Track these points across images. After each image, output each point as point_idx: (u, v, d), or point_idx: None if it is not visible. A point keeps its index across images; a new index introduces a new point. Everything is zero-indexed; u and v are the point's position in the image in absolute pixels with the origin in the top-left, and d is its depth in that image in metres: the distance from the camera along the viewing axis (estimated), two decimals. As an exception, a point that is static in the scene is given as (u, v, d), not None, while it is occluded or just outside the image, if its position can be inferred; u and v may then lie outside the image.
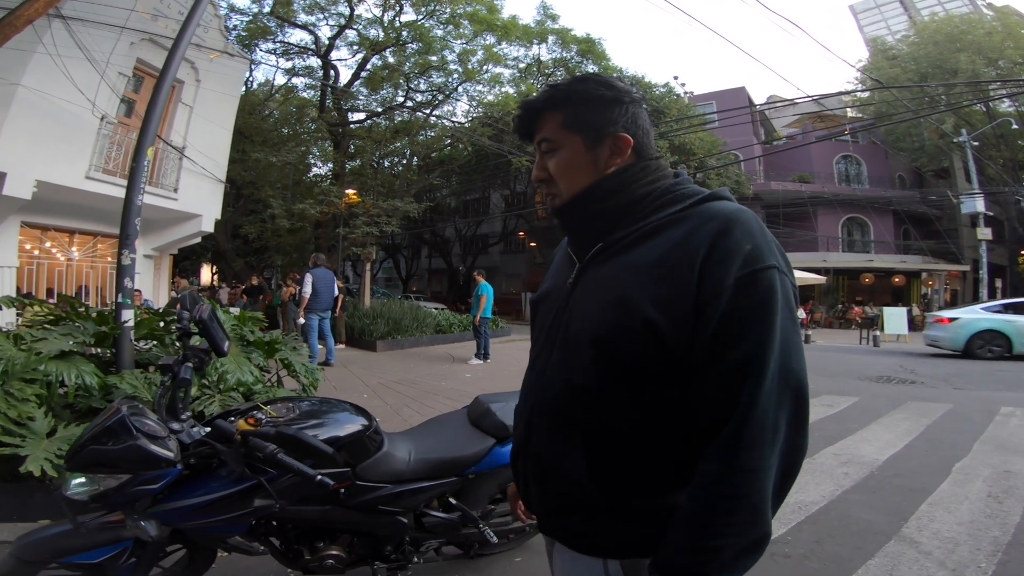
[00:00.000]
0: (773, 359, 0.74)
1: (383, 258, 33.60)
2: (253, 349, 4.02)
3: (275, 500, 1.52)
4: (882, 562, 2.52)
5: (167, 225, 10.07)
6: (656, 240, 0.84)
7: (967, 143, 18.84)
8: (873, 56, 27.65)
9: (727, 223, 0.79)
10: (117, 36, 8.13)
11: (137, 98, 9.27)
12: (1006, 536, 2.79)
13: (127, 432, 1.44)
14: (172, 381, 1.69)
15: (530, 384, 1.00)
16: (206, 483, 1.55)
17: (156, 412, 1.65)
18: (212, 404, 3.17)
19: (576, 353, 0.88)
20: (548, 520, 0.95)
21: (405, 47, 15.83)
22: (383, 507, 1.74)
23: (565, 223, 0.98)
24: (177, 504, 1.50)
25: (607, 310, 0.84)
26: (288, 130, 18.04)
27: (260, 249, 19.28)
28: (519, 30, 17.01)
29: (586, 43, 19.26)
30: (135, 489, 1.44)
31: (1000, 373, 9.55)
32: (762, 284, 0.75)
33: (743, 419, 0.73)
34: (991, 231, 20.08)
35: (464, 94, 17.61)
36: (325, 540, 1.74)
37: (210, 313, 1.82)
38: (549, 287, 1.06)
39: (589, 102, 0.91)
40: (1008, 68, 21.38)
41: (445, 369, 8.76)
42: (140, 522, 1.46)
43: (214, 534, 1.59)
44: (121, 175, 8.20)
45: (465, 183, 26.64)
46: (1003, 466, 4.00)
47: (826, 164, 26.83)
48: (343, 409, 1.90)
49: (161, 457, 1.45)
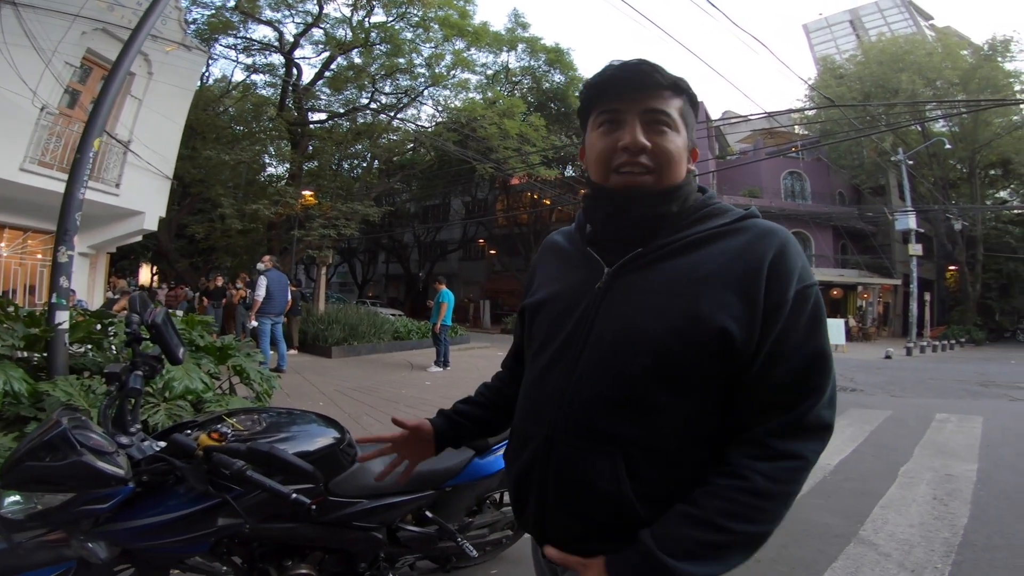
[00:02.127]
0: (831, 359, 0.81)
1: (338, 262, 32.79)
2: (203, 355, 3.78)
3: (244, 520, 1.40)
4: (846, 564, 2.60)
5: (106, 222, 9.48)
6: (708, 250, 0.84)
7: (903, 161, 20.05)
8: (822, 74, 29.24)
9: (784, 240, 0.83)
10: (69, 24, 7.73)
11: (83, 89, 8.81)
12: (956, 537, 2.93)
13: (69, 447, 1.29)
14: (119, 391, 1.54)
15: (546, 399, 0.90)
16: (162, 502, 1.40)
17: (101, 425, 1.50)
18: (157, 414, 2.96)
19: (619, 363, 0.82)
20: (574, 546, 0.86)
21: (373, 48, 15.53)
22: (357, 523, 1.63)
23: (622, 210, 0.88)
24: (129, 524, 1.36)
25: (670, 319, 0.80)
26: (243, 128, 17.31)
27: (207, 250, 18.44)
28: (489, 36, 17.02)
29: (555, 52, 19.47)
30: (81, 509, 1.29)
31: (931, 381, 10.22)
32: (813, 298, 0.81)
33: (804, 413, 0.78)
34: (921, 247, 21.48)
35: (430, 98, 17.46)
36: (294, 558, 1.61)
37: (164, 317, 1.68)
38: (556, 291, 0.97)
39: (694, 106, 0.92)
40: (945, 88, 22.91)
41: (404, 376, 8.59)
42: (87, 543, 1.31)
43: (171, 554, 1.44)
44: (59, 168, 7.77)
45: (426, 188, 26.37)
46: (944, 469, 4.24)
47: (774, 179, 28.04)
48: (311, 421, 1.79)
49: (110, 475, 1.30)
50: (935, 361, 15.29)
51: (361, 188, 17.75)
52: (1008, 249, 26.43)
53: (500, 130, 14.90)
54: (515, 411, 1.01)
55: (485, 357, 11.78)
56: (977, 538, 2.92)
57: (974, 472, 4.16)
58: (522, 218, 26.62)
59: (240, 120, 17.62)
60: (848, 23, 56.47)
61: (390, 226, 28.52)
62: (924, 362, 14.81)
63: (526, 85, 20.99)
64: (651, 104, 0.85)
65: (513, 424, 1.01)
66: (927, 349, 18.43)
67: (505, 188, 26.17)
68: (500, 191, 27.35)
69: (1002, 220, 27.55)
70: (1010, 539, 2.92)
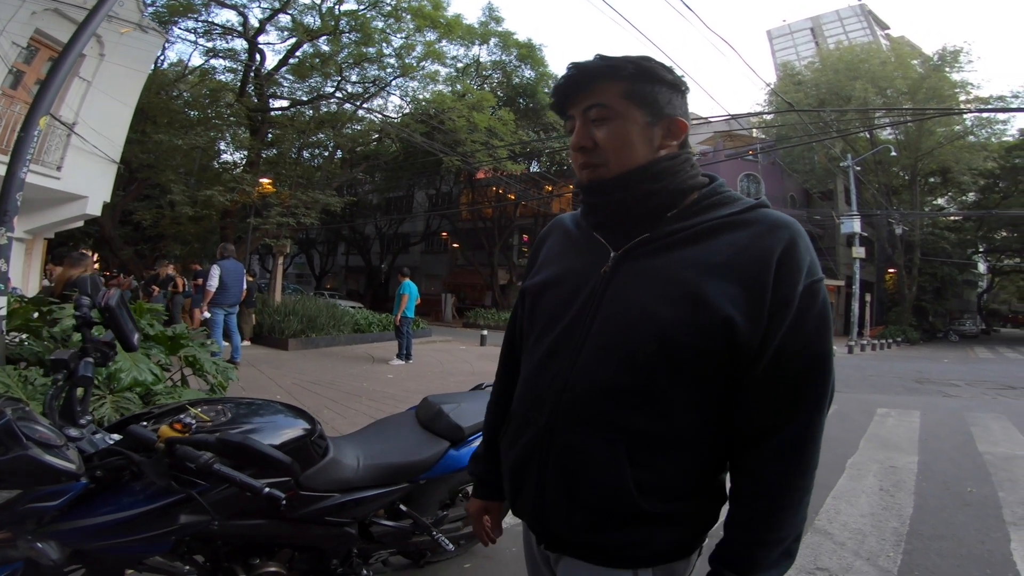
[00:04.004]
0: (831, 357, 0.81)
1: (296, 252, 31.86)
2: (153, 345, 3.59)
3: (212, 516, 1.32)
4: (805, 553, 2.69)
5: (45, 206, 8.87)
6: (717, 240, 0.83)
7: (851, 167, 21.00)
8: (782, 80, 30.26)
9: (794, 233, 0.83)
10: (19, 4, 7.32)
11: (27, 70, 8.33)
12: (904, 527, 3.08)
13: (14, 440, 1.18)
14: (67, 379, 1.43)
15: (547, 385, 0.88)
16: (117, 499, 1.30)
17: (47, 416, 1.38)
18: (103, 407, 2.79)
19: (625, 349, 0.81)
20: (572, 535, 0.86)
21: (341, 36, 15.07)
22: (329, 518, 1.56)
23: (603, 199, 0.89)
24: (82, 523, 1.25)
25: (677, 307, 0.79)
26: (199, 113, 16.51)
27: (154, 237, 17.56)
28: (462, 29, 16.83)
29: (527, 48, 19.51)
30: (28, 507, 1.19)
31: (872, 378, 10.80)
32: (821, 294, 0.82)
33: (810, 417, 0.78)
34: (864, 250, 22.61)
35: (398, 89, 17.15)
36: (262, 556, 1.53)
37: (119, 300, 1.57)
38: (559, 272, 0.95)
39: (655, 80, 0.88)
40: (894, 97, 24.02)
41: (366, 370, 8.41)
42: (36, 543, 1.20)
43: (128, 555, 1.34)
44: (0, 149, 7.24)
45: (390, 180, 25.94)
46: (888, 462, 4.45)
47: (731, 181, 28.87)
48: (278, 411, 1.70)
49: (60, 470, 1.20)
50: (875, 359, 16.06)
51: (323, 177, 17.27)
52: (943, 254, 28.22)
53: (469, 123, 14.80)
54: (514, 395, 0.99)
55: (447, 351, 11.69)
56: (923, 528, 3.07)
57: (915, 464, 4.38)
58: (486, 212, 26.55)
59: (196, 105, 16.78)
60: (809, 30, 58.76)
61: (352, 217, 27.93)
62: (865, 360, 15.55)
63: (496, 79, 20.93)
64: (587, 101, 0.87)
65: (512, 408, 0.98)
66: (867, 348, 19.36)
67: (470, 182, 26.04)
68: (465, 185, 27.20)
69: (939, 226, 29.36)
70: (954, 529, 3.08)
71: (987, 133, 25.49)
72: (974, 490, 3.78)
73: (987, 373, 12.66)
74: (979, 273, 41.93)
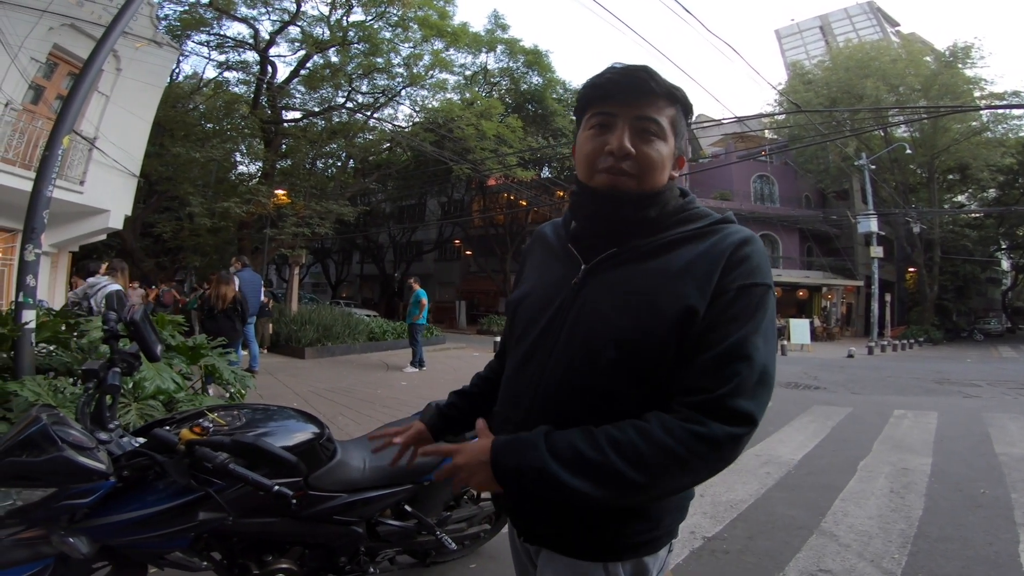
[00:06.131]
0: (758, 353, 0.80)
1: (311, 262, 32.30)
2: (175, 355, 3.73)
3: (227, 513, 1.42)
4: (809, 555, 2.71)
5: (69, 220, 9.17)
6: (680, 251, 0.89)
7: (866, 166, 20.72)
8: (791, 80, 29.95)
9: (745, 240, 0.87)
10: (36, 20, 7.54)
11: (48, 85, 8.59)
12: (912, 529, 3.08)
13: (50, 442, 1.30)
14: (97, 387, 1.55)
15: (524, 385, 0.96)
16: (142, 496, 1.41)
17: (80, 421, 1.50)
18: (128, 414, 2.92)
19: (588, 355, 0.87)
20: (546, 528, 0.92)
21: (350, 47, 15.38)
22: (337, 517, 1.66)
23: (607, 209, 0.92)
24: (110, 519, 1.36)
25: (633, 315, 0.85)
26: (214, 125, 16.93)
27: (174, 249, 17.96)
28: (469, 37, 17.06)
29: (533, 54, 19.61)
30: (62, 504, 1.30)
31: (890, 379, 10.61)
32: (757, 294, 0.84)
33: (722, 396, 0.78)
34: (882, 249, 22.26)
35: (407, 98, 17.37)
36: (274, 553, 1.63)
37: (143, 314, 1.69)
38: (534, 285, 1.03)
39: (687, 115, 0.95)
40: (907, 94, 23.68)
41: (380, 377, 8.54)
42: (68, 539, 1.31)
43: (151, 550, 1.45)
44: (22, 164, 7.56)
45: (402, 188, 26.20)
46: (900, 464, 4.42)
47: (744, 183, 28.71)
48: (290, 416, 1.81)
49: (92, 469, 1.31)
50: (895, 360, 15.80)
51: (336, 187, 17.54)
52: (964, 252, 27.66)
53: (477, 131, 14.94)
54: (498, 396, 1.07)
55: (461, 358, 11.77)
56: (931, 529, 3.07)
57: (928, 466, 4.34)
58: (498, 219, 26.67)
59: (211, 117, 17.21)
60: (818, 28, 58.07)
61: (365, 226, 28.24)
62: (884, 361, 15.30)
63: (504, 86, 21.08)
64: (643, 111, 0.88)
65: (495, 409, 1.07)
66: (887, 348, 19.06)
67: (481, 189, 26.19)
68: (476, 192, 27.37)
69: (959, 224, 28.79)
70: (962, 530, 3.07)
71: (1004, 129, 25.02)
72: (987, 491, 3.75)
73: (1010, 372, 12.39)
74: (1003, 271, 40.94)
